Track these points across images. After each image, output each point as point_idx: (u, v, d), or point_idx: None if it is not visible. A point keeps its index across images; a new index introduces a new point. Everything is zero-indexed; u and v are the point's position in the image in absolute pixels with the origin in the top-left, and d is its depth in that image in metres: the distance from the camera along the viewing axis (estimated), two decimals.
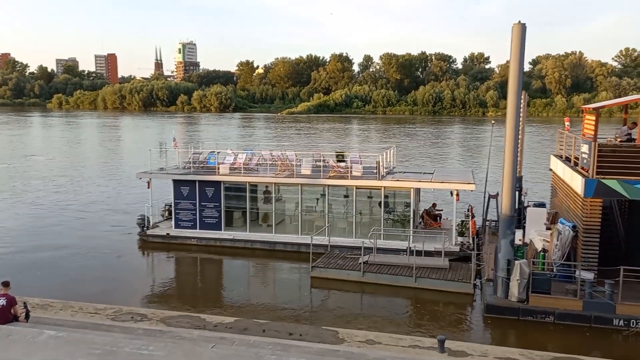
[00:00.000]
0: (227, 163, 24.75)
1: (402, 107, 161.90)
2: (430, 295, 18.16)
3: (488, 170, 24.75)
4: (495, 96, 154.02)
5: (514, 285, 16.13)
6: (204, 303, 17.84)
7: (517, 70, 15.69)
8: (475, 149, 66.64)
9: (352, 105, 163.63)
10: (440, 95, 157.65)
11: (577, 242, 17.46)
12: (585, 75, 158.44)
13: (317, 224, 23.41)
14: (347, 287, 18.97)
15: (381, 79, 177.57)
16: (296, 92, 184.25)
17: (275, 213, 23.87)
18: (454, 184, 21.85)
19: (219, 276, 21.57)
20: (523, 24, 15.55)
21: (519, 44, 15.55)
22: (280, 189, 24.25)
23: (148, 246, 24.28)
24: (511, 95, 15.80)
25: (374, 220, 23.00)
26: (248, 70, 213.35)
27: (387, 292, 18.50)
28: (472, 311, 17.26)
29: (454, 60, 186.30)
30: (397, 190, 22.85)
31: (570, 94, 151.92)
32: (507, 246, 16.34)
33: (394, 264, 19.57)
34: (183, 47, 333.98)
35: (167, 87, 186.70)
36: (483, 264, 19.31)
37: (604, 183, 16.36)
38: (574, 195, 18.25)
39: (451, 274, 18.78)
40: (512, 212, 16.39)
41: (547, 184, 34.67)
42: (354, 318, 16.53)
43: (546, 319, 15.67)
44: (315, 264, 19.90)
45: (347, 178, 22.78)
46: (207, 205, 24.15)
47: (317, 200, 24.04)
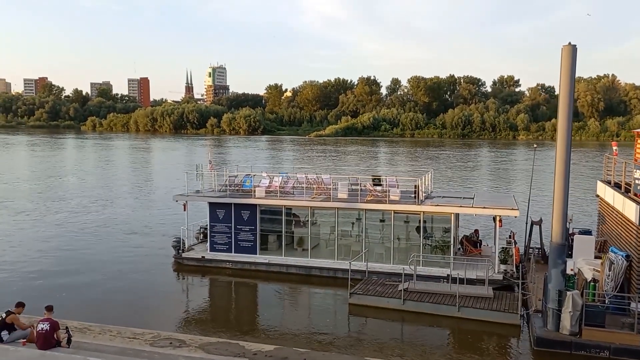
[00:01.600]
0: (263, 186, 24.62)
1: (431, 130, 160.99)
2: (474, 326, 17.44)
3: (530, 195, 24.00)
4: (526, 119, 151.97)
5: (566, 318, 15.35)
6: (240, 329, 17.49)
7: (567, 93, 15.18)
8: (510, 173, 65.39)
9: (380, 128, 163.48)
10: (469, 119, 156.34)
11: (632, 272, 16.60)
12: (618, 98, 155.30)
13: (353, 249, 22.97)
14: (387, 315, 18.40)
15: (409, 102, 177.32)
16: (324, 115, 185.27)
17: (310, 237, 23.53)
18: (498, 210, 21.20)
19: (254, 301, 21.23)
20: (574, 45, 15.09)
21: (569, 65, 15.07)
22: (315, 212, 23.95)
23: (183, 269, 24.16)
24: (562, 119, 15.26)
25: (411, 245, 22.45)
26: (276, 94, 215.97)
27: (428, 321, 17.85)
28: (519, 344, 16.47)
29: (483, 83, 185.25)
30: (436, 215, 22.29)
31: (603, 117, 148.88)
32: (558, 276, 15.61)
33: (436, 292, 18.94)
34: (213, 71, 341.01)
35: (197, 110, 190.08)
36: (529, 293, 18.53)
37: None
38: (626, 223, 17.44)
39: (496, 304, 18.04)
40: (563, 239, 15.69)
41: (590, 209, 33.58)
42: (396, 348, 15.94)
43: (601, 353, 14.84)
44: (354, 290, 19.41)
45: (385, 202, 22.36)
46: (243, 229, 23.97)
47: (352, 224, 23.64)
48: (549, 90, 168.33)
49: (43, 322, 11.28)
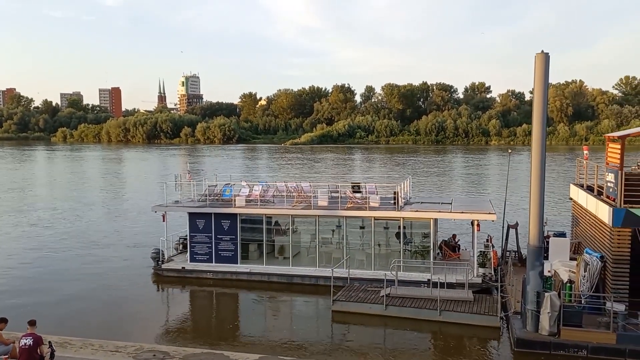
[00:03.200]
0: (243, 195, 24.59)
1: (405, 136, 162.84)
2: (456, 329, 17.71)
3: (506, 199, 24.53)
4: (498, 125, 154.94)
5: (545, 319, 15.73)
6: (224, 339, 17.40)
7: (541, 100, 15.66)
8: (484, 178, 66.52)
9: (355, 136, 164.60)
10: (442, 125, 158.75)
11: (606, 272, 17.12)
12: (586, 103, 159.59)
13: (334, 256, 23.10)
14: (369, 321, 18.54)
15: (383, 109, 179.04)
16: (299, 123, 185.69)
17: (291, 245, 23.59)
18: (475, 214, 21.62)
19: (236, 311, 21.14)
20: (546, 53, 15.60)
21: (542, 72, 15.57)
22: (296, 220, 24.01)
23: (163, 280, 23.91)
24: (536, 125, 15.71)
25: (392, 251, 22.69)
26: (251, 102, 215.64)
27: (410, 325, 18.05)
28: (500, 345, 16.79)
29: (455, 89, 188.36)
30: (415, 220, 22.59)
31: (572, 122, 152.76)
32: (535, 278, 16.00)
33: (417, 296, 19.18)
34: (186, 80, 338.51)
35: (170, 119, 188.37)
36: (508, 295, 18.91)
37: (632, 212, 16.14)
38: (600, 225, 17.99)
39: (476, 307, 18.36)
40: (539, 242, 16.10)
41: (564, 212, 34.42)
42: (379, 353, 16.08)
43: (579, 353, 15.23)
44: (336, 297, 19.51)
45: (365, 209, 22.58)
46: (223, 238, 23.88)
47: (333, 232, 23.77)
48: (519, 96, 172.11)
49: (26, 337, 11.09)
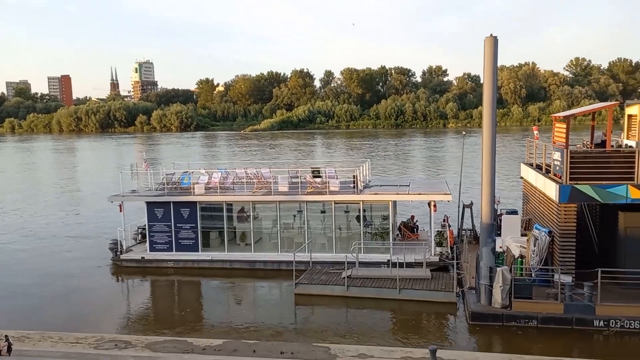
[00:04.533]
0: (202, 183, 24.46)
1: (365, 121, 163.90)
2: (415, 306, 18.31)
3: (461, 180, 25.27)
4: (455, 108, 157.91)
5: (497, 292, 16.45)
6: (187, 326, 17.43)
7: (491, 82, 16.16)
8: (442, 160, 67.98)
9: (316, 121, 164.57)
10: (401, 109, 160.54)
11: (554, 246, 17.99)
12: (539, 85, 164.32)
13: (296, 241, 23.34)
14: (332, 302, 18.92)
15: (343, 93, 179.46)
16: (258, 109, 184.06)
17: (253, 231, 23.68)
18: (432, 195, 22.23)
19: (199, 298, 21.14)
20: (495, 37, 16.07)
21: (491, 56, 16.03)
22: (257, 207, 24.08)
23: (122, 271, 23.63)
24: (486, 107, 16.25)
25: (352, 234, 23.10)
26: (208, 88, 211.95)
27: (371, 305, 18.54)
28: (456, 319, 17.47)
29: (413, 73, 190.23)
30: (375, 203, 23.04)
31: (525, 103, 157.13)
32: (488, 254, 16.67)
33: (377, 276, 19.69)
34: (140, 67, 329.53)
35: (124, 107, 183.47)
36: (463, 272, 19.63)
37: (577, 189, 16.98)
38: (548, 202, 18.84)
39: (434, 284, 19.02)
40: (492, 220, 16.76)
41: (516, 191, 35.66)
42: (342, 333, 16.48)
43: (529, 323, 16.01)
44: (299, 280, 19.81)
45: (325, 193, 22.86)
46: (183, 227, 23.74)
47: (294, 217, 23.98)
48: (475, 79, 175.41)
49: None
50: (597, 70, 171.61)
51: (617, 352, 14.48)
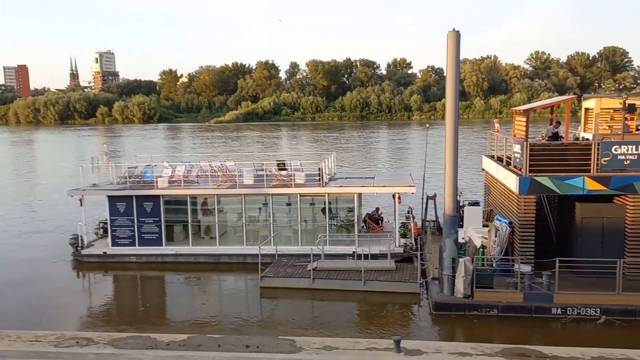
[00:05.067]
0: (165, 176, 24.05)
1: (331, 113, 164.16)
2: (379, 297, 18.52)
3: (425, 172, 25.61)
4: (419, 100, 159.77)
5: (459, 282, 16.78)
6: (151, 322, 17.18)
7: (453, 76, 16.39)
8: (406, 152, 68.74)
9: (281, 113, 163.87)
10: (367, 101, 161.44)
11: (514, 237, 18.46)
12: (500, 78, 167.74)
13: (261, 234, 23.25)
14: (297, 295, 18.96)
15: (308, 85, 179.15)
16: (223, 100, 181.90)
17: (218, 225, 23.46)
18: (396, 187, 22.46)
19: (163, 293, 20.84)
20: (457, 31, 16.29)
21: (454, 50, 16.25)
22: (222, 200, 23.85)
23: (83, 267, 23.07)
24: (449, 100, 16.47)
25: (318, 226, 23.15)
26: (171, 79, 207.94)
27: (337, 297, 18.66)
28: (419, 310, 17.77)
29: (378, 66, 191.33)
30: (340, 196, 23.13)
31: (487, 96, 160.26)
32: (451, 245, 16.98)
33: (342, 268, 19.81)
34: (100, 57, 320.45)
35: (85, 98, 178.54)
36: (427, 263, 19.94)
37: (536, 180, 17.43)
38: (508, 193, 19.29)
39: (398, 275, 19.27)
40: (454, 212, 17.05)
41: (477, 182, 36.41)
42: (308, 325, 16.54)
43: (490, 312, 16.41)
44: (264, 273, 19.76)
45: (290, 186, 22.80)
46: (146, 221, 23.32)
47: (260, 210, 23.86)
48: (438, 71, 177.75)
49: None
50: (556, 63, 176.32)
51: (573, 339, 14.96)
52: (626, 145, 17.15)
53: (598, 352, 13.17)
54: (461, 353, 13.48)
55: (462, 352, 13.53)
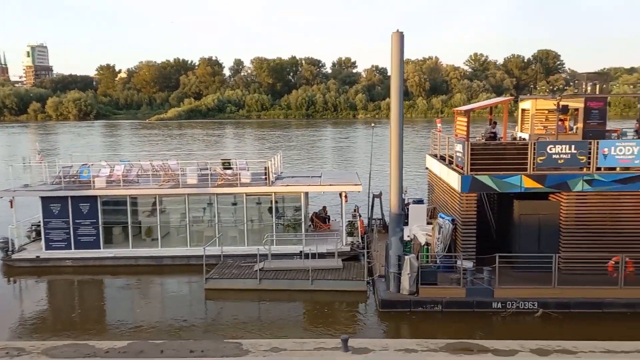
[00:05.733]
0: (103, 176, 23.08)
1: (276, 111, 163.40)
2: (327, 296, 18.50)
3: (371, 171, 25.83)
4: (364, 99, 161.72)
5: (405, 280, 17.01)
6: (88, 329, 16.41)
7: (398, 76, 16.56)
8: (352, 150, 69.35)
9: (226, 110, 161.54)
10: (312, 99, 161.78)
11: (457, 234, 18.92)
12: (441, 78, 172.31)
13: (206, 235, 22.74)
14: (244, 297, 18.66)
15: (253, 83, 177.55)
16: (164, 97, 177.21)
17: (160, 226, 22.74)
18: (343, 186, 22.54)
19: (101, 298, 19.96)
20: (401, 32, 16.47)
21: (398, 50, 16.42)
22: (164, 200, 23.15)
23: (14, 272, 21.78)
24: (394, 100, 16.64)
25: (265, 226, 22.89)
26: (109, 75, 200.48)
27: (284, 297, 18.49)
28: (366, 307, 17.89)
29: (324, 64, 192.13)
30: (287, 195, 22.96)
31: (429, 96, 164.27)
32: (397, 243, 17.19)
33: (290, 268, 19.66)
34: (32, 50, 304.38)
35: (15, 94, 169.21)
36: (373, 261, 20.12)
37: (477, 179, 17.93)
38: (451, 191, 19.75)
39: (345, 274, 19.33)
40: (400, 210, 17.28)
41: (422, 180, 37.16)
42: (254, 327, 16.30)
43: (435, 308, 16.75)
44: (209, 275, 19.32)
45: (236, 186, 22.42)
46: (83, 223, 22.30)
47: (204, 210, 23.34)
48: (382, 71, 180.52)
49: None
50: (493, 65, 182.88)
51: (513, 332, 15.47)
52: (560, 145, 17.92)
53: (536, 345, 13.69)
54: (407, 349, 13.67)
55: (407, 349, 13.72)
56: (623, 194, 17.69)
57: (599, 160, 17.63)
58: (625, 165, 17.67)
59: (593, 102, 18.84)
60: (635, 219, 17.75)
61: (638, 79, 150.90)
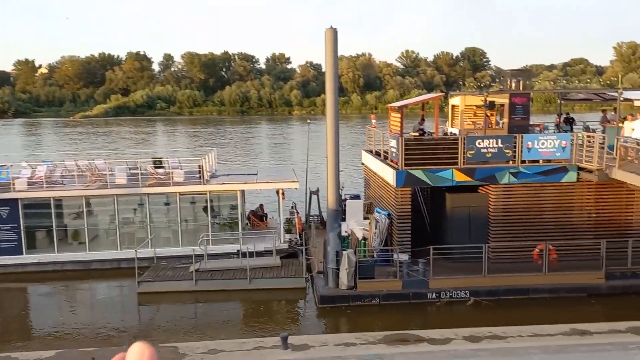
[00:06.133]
0: (24, 177, 21.68)
1: (210, 107, 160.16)
2: (266, 295, 18.34)
3: (308, 167, 25.83)
4: (299, 95, 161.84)
5: (343, 275, 17.14)
6: (11, 339, 15.40)
7: (332, 72, 16.63)
8: (288, 147, 69.18)
9: (156, 107, 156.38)
10: (247, 95, 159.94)
11: (393, 228, 19.28)
12: (375, 75, 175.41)
13: (138, 236, 21.90)
14: (179, 299, 18.15)
15: (185, 78, 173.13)
16: (89, 93, 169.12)
17: (87, 229, 21.67)
18: (280, 183, 22.38)
19: (25, 306, 18.80)
20: (334, 28, 16.52)
21: (332, 47, 16.48)
22: (91, 202, 22.07)
23: None
24: (329, 96, 16.70)
25: (200, 226, 22.34)
26: (28, 70, 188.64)
27: (222, 297, 18.14)
28: (306, 304, 17.90)
29: (257, 60, 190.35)
30: (222, 193, 22.52)
31: (363, 92, 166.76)
32: (335, 239, 17.27)
33: (227, 268, 19.30)
34: None
35: None
36: (312, 257, 20.14)
37: (411, 173, 18.33)
38: (386, 186, 20.09)
39: (284, 271, 19.21)
40: (337, 206, 17.37)
41: (358, 176, 37.65)
42: (191, 330, 15.90)
43: (373, 301, 16.98)
44: (142, 278, 18.61)
45: (169, 185, 21.72)
46: (2, 228, 20.85)
47: (135, 210, 22.46)
48: (317, 67, 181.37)
49: None
50: (424, 62, 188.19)
51: (447, 320, 15.99)
52: (488, 140, 18.64)
53: (469, 332, 14.20)
54: (346, 344, 13.78)
55: (347, 343, 13.83)
56: (546, 185, 18.67)
57: (523, 154, 18.49)
58: (547, 157, 18.65)
59: (517, 98, 19.73)
60: (557, 209, 18.80)
61: (557, 76, 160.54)
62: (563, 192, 18.71)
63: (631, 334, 13.98)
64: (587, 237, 18.57)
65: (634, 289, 17.34)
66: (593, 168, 17.67)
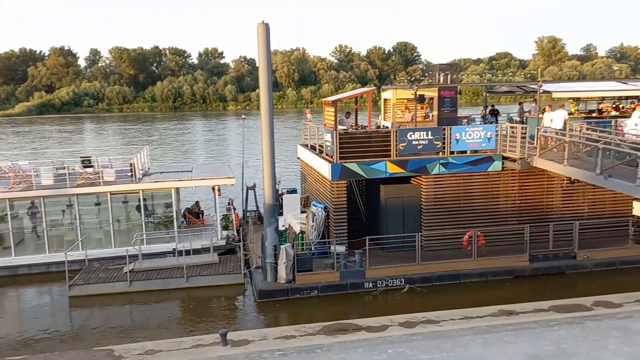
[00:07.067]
0: None
1: (141, 103, 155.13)
2: (204, 292, 18.16)
3: (244, 163, 25.70)
4: (234, 90, 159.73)
5: (282, 269, 17.28)
6: None
7: (265, 67, 16.63)
8: (223, 143, 68.23)
9: (83, 104, 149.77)
10: (179, 91, 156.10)
11: (329, 220, 19.58)
12: (309, 69, 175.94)
13: (67, 239, 21.04)
14: (114, 301, 17.63)
15: (113, 74, 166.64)
16: (10, 91, 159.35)
17: (12, 233, 20.57)
18: (215, 180, 22.13)
19: None
20: (266, 23, 16.51)
21: (264, 41, 16.46)
22: (15, 204, 20.95)
23: None
24: (263, 91, 16.69)
25: (133, 225, 21.74)
26: None
27: (158, 297, 17.80)
28: (245, 300, 17.88)
29: (189, 55, 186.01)
30: (156, 191, 22.00)
31: (298, 86, 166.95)
32: (272, 233, 17.35)
33: (163, 267, 18.95)
34: None
35: None
36: (250, 253, 20.12)
37: (346, 166, 18.69)
38: (322, 180, 20.36)
39: (221, 268, 19.09)
40: (273, 200, 17.43)
41: (294, 170, 37.82)
42: (127, 332, 15.50)
43: (311, 293, 17.24)
44: (73, 281, 17.96)
45: (99, 184, 20.98)
46: None
47: (63, 212, 21.53)
48: (251, 62, 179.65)
49: None
50: (357, 56, 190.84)
51: (383, 308, 16.45)
52: (418, 132, 19.29)
53: (404, 318, 14.73)
54: (286, 336, 13.94)
55: (286, 336, 13.98)
56: (473, 174, 19.58)
57: (452, 145, 19.28)
58: (474, 148, 19.55)
59: (445, 91, 20.53)
60: (484, 197, 19.76)
61: (484, 69, 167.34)
62: (489, 181, 19.71)
63: (553, 311, 15.00)
64: (512, 223, 19.68)
65: (555, 270, 18.59)
66: (516, 157, 18.71)
